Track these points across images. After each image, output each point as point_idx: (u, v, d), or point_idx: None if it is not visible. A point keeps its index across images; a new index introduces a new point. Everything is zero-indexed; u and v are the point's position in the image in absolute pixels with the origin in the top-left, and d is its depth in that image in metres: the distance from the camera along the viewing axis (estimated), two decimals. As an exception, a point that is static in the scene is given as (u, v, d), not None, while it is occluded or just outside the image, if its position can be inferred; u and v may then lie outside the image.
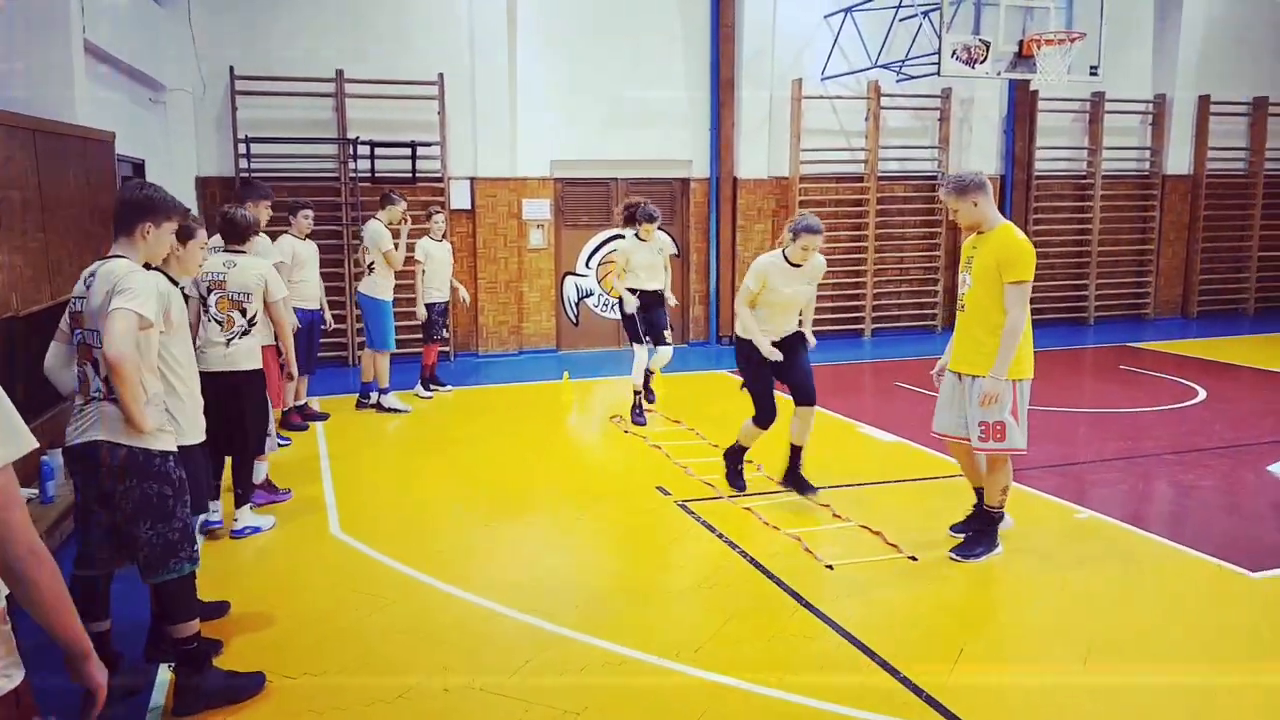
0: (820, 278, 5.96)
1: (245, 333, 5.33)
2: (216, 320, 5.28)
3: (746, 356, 5.91)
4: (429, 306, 8.92)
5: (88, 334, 3.50)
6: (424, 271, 8.83)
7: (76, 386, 3.59)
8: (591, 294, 12.05)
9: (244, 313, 5.32)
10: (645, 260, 8.03)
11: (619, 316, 8.37)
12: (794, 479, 6.07)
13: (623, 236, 11.81)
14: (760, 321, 5.85)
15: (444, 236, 9.08)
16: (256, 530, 5.53)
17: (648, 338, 8.05)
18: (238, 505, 5.48)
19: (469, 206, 11.11)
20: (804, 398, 5.91)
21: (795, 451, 6.04)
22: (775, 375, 5.91)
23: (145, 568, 3.57)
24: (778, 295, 5.78)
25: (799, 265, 5.74)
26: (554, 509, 6.16)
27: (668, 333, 8.22)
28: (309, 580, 4.98)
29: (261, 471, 5.83)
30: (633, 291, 8.03)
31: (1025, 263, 4.75)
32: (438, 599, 4.70)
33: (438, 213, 8.97)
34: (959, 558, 5.06)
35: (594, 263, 11.99)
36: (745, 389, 6.05)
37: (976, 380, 4.91)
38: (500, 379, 9.63)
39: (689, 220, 12.10)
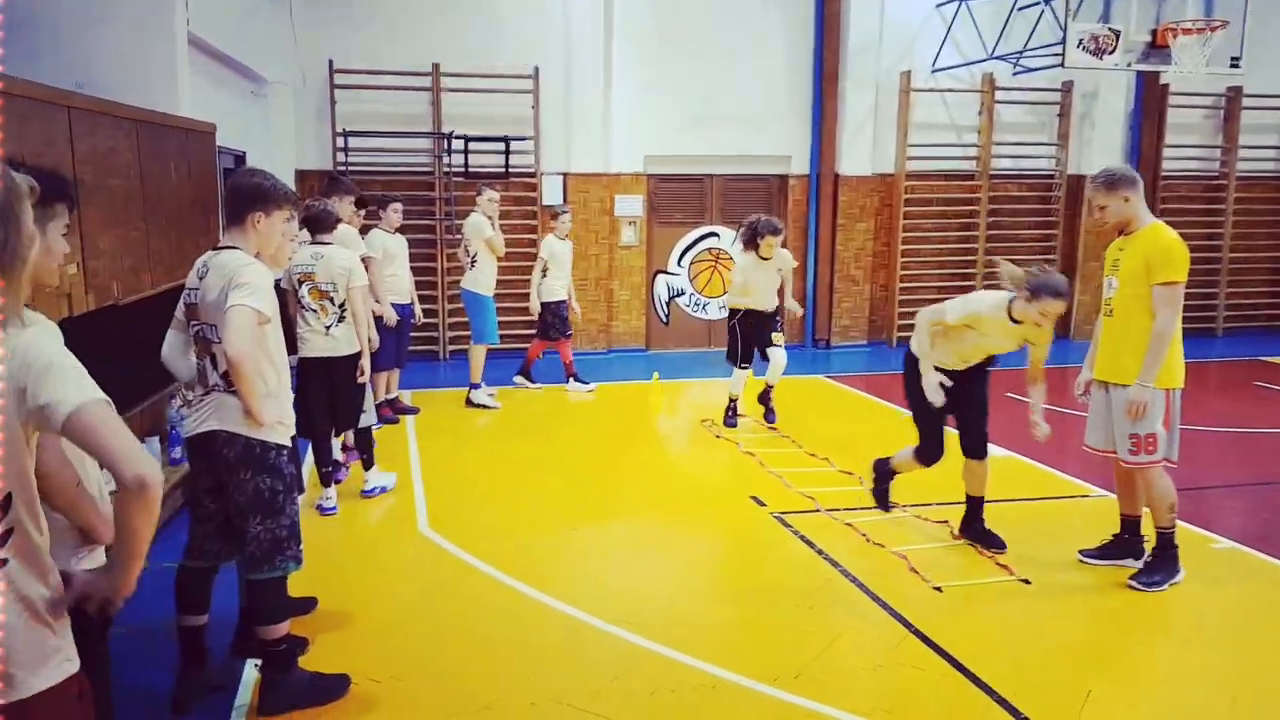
0: (1046, 338, 4.84)
1: (340, 319, 5.55)
2: (311, 309, 5.53)
3: (918, 380, 5.01)
4: (557, 304, 8.87)
5: (205, 328, 3.46)
6: (545, 271, 8.81)
7: (195, 377, 3.58)
8: (683, 293, 11.80)
9: (333, 301, 5.53)
10: (762, 282, 7.31)
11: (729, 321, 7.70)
12: (975, 532, 5.23)
13: (716, 235, 11.72)
14: (940, 350, 4.94)
15: (568, 235, 9.08)
16: (384, 489, 6.04)
17: (746, 365, 7.36)
18: (366, 468, 6.01)
19: (561, 202, 10.98)
20: (972, 446, 5.06)
21: (975, 503, 5.20)
22: (950, 407, 5.00)
23: (251, 563, 3.54)
24: (984, 341, 4.84)
25: (1020, 323, 4.69)
26: (643, 514, 5.92)
27: (777, 335, 7.45)
28: (396, 578, 4.89)
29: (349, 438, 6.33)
30: (736, 311, 7.38)
31: (1177, 263, 4.39)
32: (523, 604, 4.54)
33: (565, 212, 9.04)
34: (1140, 586, 4.66)
35: (686, 261, 11.73)
36: (914, 421, 5.22)
37: (1124, 389, 4.51)
38: (589, 378, 9.45)
39: (787, 219, 11.70)
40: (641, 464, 7.03)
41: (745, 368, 7.41)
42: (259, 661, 3.72)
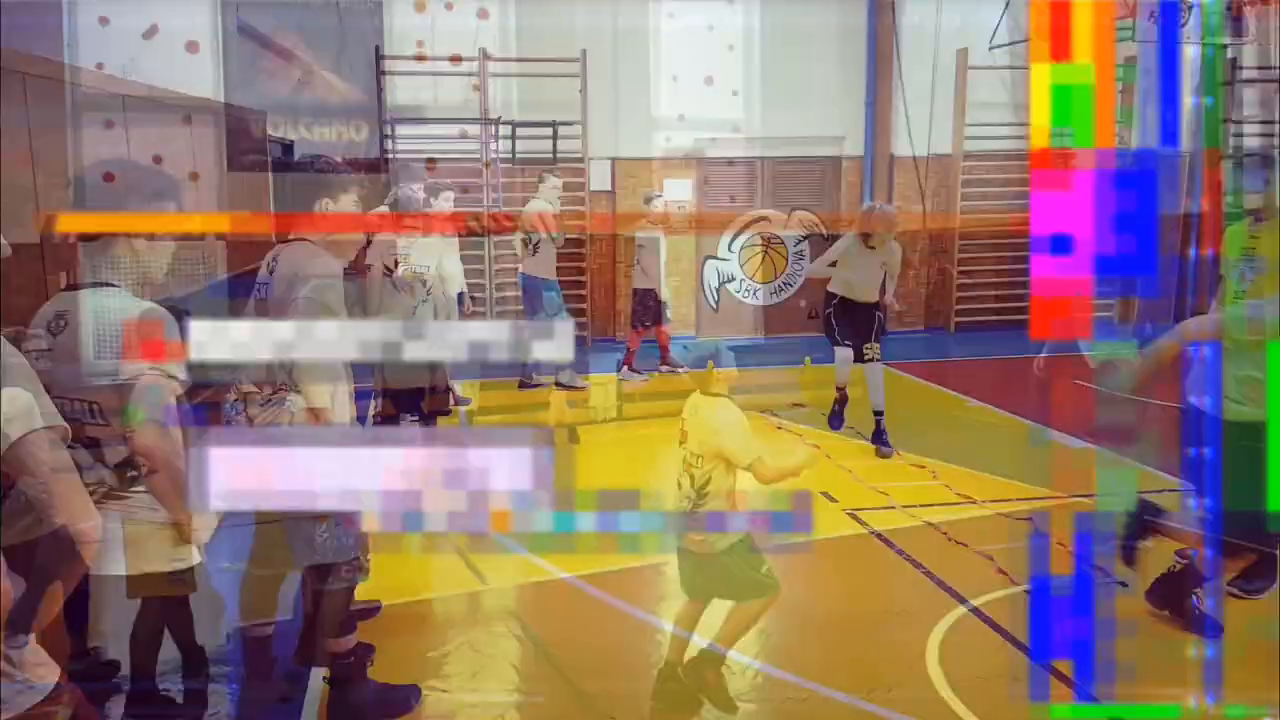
0: None
1: (425, 300, 5.73)
2: (404, 289, 5.66)
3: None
4: (646, 291, 8.88)
5: None
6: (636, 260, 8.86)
7: (264, 377, 3.39)
8: (733, 279, 11.54)
9: (424, 284, 5.75)
10: (861, 270, 6.54)
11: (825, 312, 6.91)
12: None
13: (767, 219, 11.45)
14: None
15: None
16: None
17: (848, 342, 6.66)
18: None
19: (609, 188, 10.78)
20: None
21: None
22: None
23: (316, 573, 3.39)
24: None
25: None
26: (710, 511, 5.70)
27: (869, 347, 6.61)
28: (461, 577, 4.70)
29: None
30: (833, 296, 6.70)
31: None
32: (597, 608, 4.37)
33: (657, 196, 8.97)
34: (1239, 592, 4.39)
35: (736, 246, 11.46)
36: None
37: None
38: (639, 366, 9.26)
39: (840, 202, 11.43)
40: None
41: (846, 344, 6.63)
42: (326, 673, 3.56)
